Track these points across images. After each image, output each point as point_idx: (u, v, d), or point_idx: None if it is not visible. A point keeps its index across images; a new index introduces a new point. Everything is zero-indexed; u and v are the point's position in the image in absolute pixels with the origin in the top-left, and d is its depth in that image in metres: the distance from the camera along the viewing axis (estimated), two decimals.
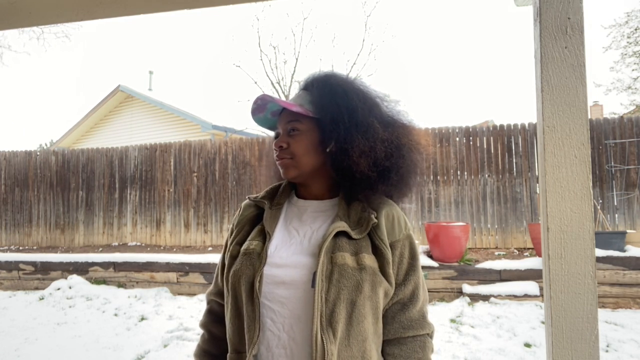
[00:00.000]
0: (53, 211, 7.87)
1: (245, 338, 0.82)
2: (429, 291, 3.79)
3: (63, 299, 5.12)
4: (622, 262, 4.36)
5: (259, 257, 0.85)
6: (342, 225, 0.84)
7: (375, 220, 0.86)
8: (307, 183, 0.95)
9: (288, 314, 0.81)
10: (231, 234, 0.99)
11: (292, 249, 0.86)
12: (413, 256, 0.90)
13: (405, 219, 0.92)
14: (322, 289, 0.78)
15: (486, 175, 6.19)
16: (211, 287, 1.03)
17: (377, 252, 0.85)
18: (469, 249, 5.93)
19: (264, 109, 0.95)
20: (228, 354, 0.88)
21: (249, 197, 1.00)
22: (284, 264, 0.84)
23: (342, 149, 0.88)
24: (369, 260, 0.83)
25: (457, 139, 6.32)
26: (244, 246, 0.89)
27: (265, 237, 0.89)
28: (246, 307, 0.83)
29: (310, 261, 0.82)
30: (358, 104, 0.89)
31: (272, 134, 1.06)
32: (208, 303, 1.02)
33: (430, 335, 0.90)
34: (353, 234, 0.84)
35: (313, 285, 0.79)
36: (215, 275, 1.02)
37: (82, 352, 3.50)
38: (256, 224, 0.95)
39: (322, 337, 0.76)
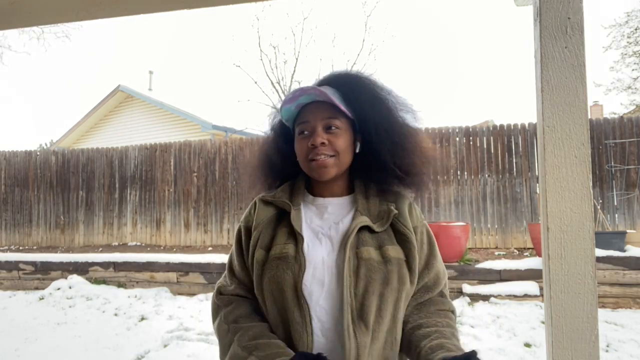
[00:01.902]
0: (53, 211, 7.87)
1: (297, 347, 0.79)
2: None
3: (63, 299, 5.12)
4: (622, 262, 4.36)
5: (296, 261, 0.83)
6: (365, 220, 0.85)
7: (396, 211, 0.88)
8: (332, 182, 0.93)
9: (323, 312, 0.81)
10: (247, 236, 0.93)
11: (322, 248, 0.86)
12: (431, 242, 0.92)
13: (419, 209, 0.96)
14: (351, 284, 0.80)
15: (486, 175, 6.18)
16: (225, 281, 0.96)
17: (402, 238, 0.87)
18: (469, 249, 5.92)
19: (295, 100, 0.89)
20: None
21: (263, 197, 0.95)
22: (319, 265, 0.83)
23: (370, 151, 0.91)
24: (393, 251, 0.84)
25: (457, 139, 6.31)
26: (276, 250, 0.85)
27: (295, 239, 0.86)
28: (292, 314, 0.80)
29: (339, 258, 0.83)
30: (394, 107, 0.92)
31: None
32: (224, 294, 0.94)
33: (453, 312, 0.91)
34: (375, 227, 0.86)
35: (341, 281, 0.80)
36: (227, 273, 0.96)
37: (82, 352, 3.50)
38: (277, 225, 0.90)
39: (354, 331, 0.78)
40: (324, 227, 0.89)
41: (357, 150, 0.94)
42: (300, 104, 0.92)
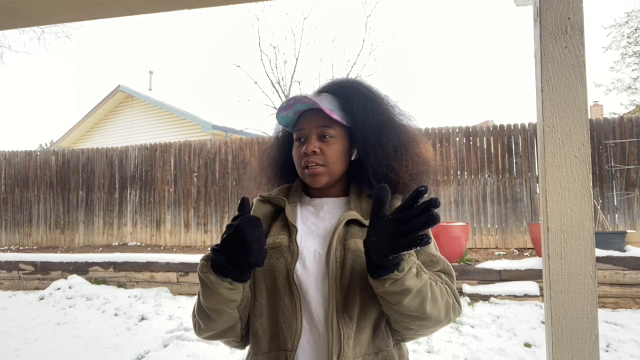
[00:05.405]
0: (53, 211, 7.87)
1: (285, 333, 0.81)
2: None
3: (63, 299, 5.12)
4: (622, 262, 4.36)
5: (289, 250, 0.85)
6: (353, 214, 0.86)
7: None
8: (327, 187, 0.95)
9: (312, 302, 0.82)
10: None
11: (315, 241, 0.87)
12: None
13: None
14: (337, 274, 0.81)
15: (486, 175, 6.18)
16: None
17: None
18: (469, 249, 5.92)
19: (291, 107, 0.92)
20: (260, 354, 0.84)
21: (260, 195, 0.98)
22: (311, 255, 0.85)
23: (366, 159, 0.92)
24: None
25: (457, 139, 6.31)
26: (269, 240, 0.87)
27: (289, 231, 0.88)
28: (282, 300, 0.82)
29: (328, 249, 0.84)
30: (386, 117, 0.93)
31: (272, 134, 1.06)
32: None
33: (446, 276, 0.85)
34: (365, 222, 0.86)
35: (328, 271, 0.81)
36: None
37: (82, 352, 3.50)
38: (272, 220, 0.93)
39: (338, 322, 0.78)
40: (319, 225, 0.90)
41: (353, 158, 0.96)
42: (298, 111, 0.94)
